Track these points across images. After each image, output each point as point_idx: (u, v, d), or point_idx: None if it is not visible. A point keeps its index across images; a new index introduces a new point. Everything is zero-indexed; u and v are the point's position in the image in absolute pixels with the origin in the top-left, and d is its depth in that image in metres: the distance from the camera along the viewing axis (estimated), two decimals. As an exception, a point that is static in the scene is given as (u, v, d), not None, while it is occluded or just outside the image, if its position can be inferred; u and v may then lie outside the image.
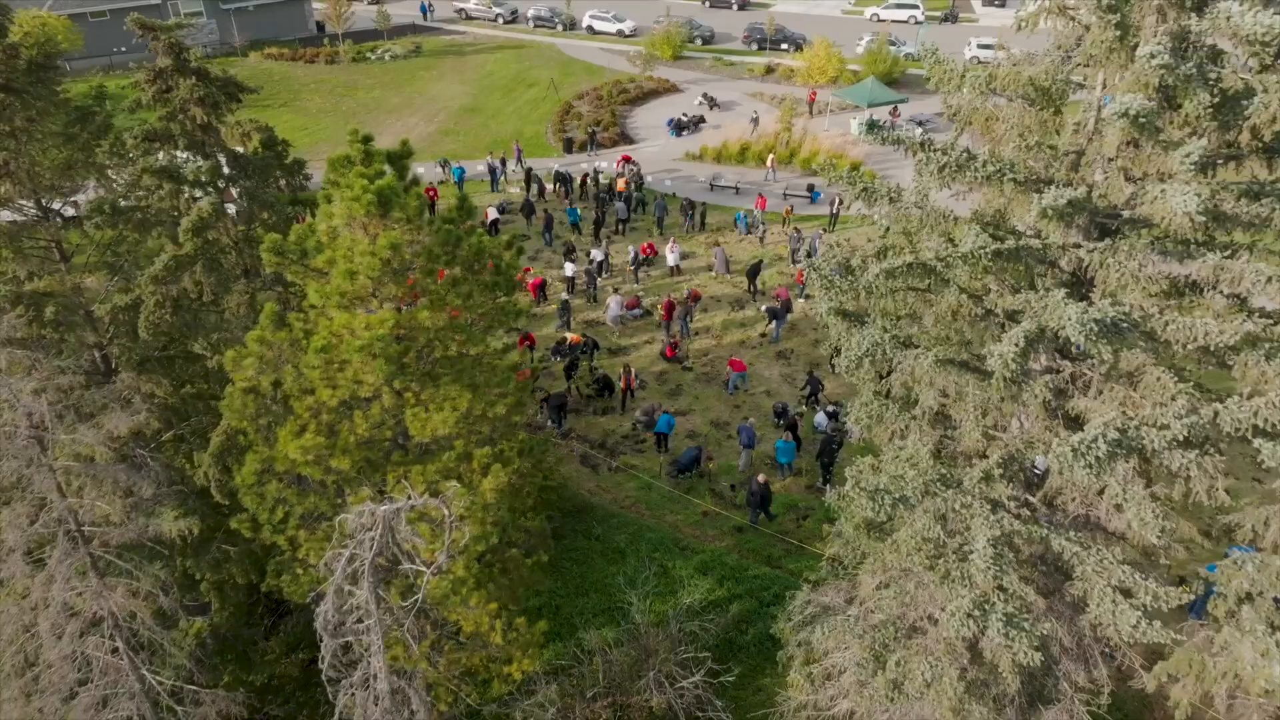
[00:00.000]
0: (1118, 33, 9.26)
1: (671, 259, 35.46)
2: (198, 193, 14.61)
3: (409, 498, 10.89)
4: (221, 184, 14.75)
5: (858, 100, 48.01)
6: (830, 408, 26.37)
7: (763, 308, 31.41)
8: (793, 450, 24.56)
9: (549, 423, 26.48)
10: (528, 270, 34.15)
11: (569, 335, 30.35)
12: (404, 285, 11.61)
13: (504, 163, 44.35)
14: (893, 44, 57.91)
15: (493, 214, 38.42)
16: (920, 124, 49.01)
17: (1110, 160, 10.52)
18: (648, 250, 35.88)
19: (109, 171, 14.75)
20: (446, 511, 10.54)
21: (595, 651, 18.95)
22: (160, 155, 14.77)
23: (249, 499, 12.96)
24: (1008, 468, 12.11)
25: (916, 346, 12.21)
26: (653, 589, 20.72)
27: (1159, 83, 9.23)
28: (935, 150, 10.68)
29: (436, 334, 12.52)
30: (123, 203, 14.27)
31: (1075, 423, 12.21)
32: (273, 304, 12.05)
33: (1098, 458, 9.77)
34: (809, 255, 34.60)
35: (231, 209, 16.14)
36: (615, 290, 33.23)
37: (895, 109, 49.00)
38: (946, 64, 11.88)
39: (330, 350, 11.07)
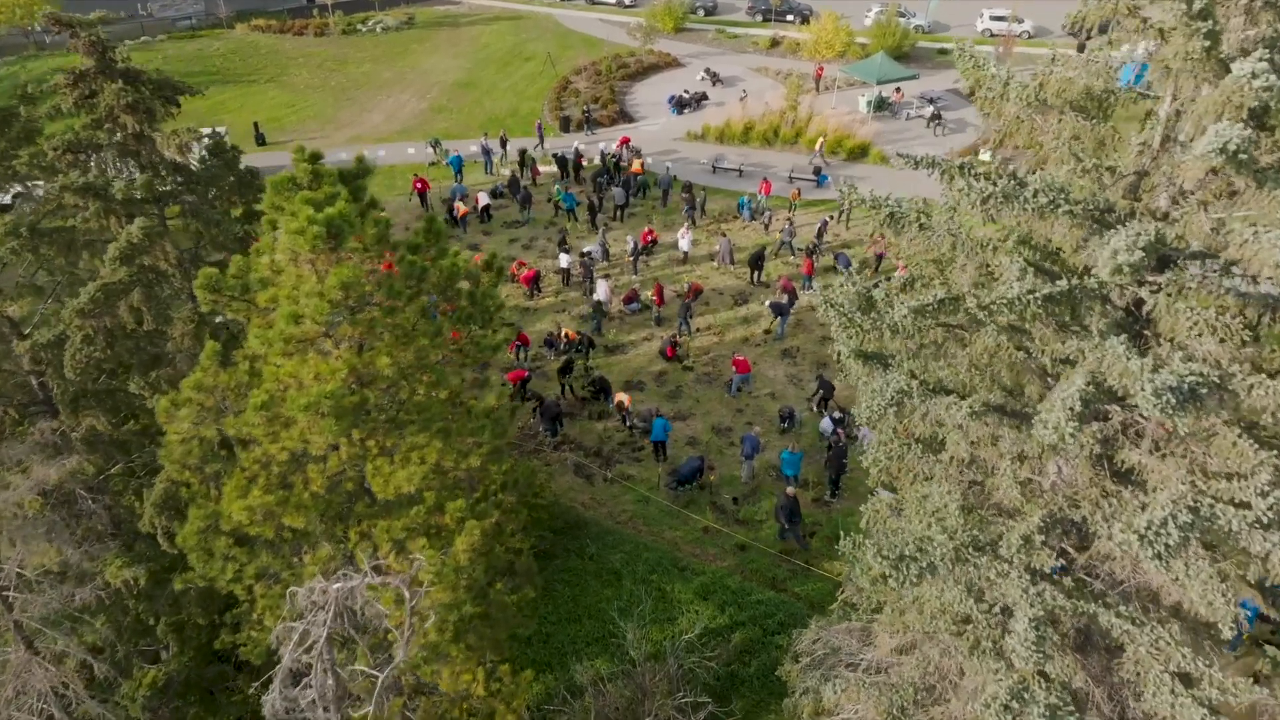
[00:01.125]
0: (1206, 43, 7.66)
1: (684, 244, 33.90)
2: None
3: (365, 573, 9.45)
4: (160, 200, 13.06)
5: (866, 77, 46.05)
6: (836, 413, 24.90)
7: (766, 302, 29.84)
8: (799, 461, 23.14)
9: (541, 429, 25.00)
10: (521, 263, 32.55)
11: (565, 330, 28.82)
12: (361, 324, 10.09)
13: (503, 142, 42.47)
14: (902, 16, 55.78)
15: (484, 199, 36.75)
16: (931, 100, 47.11)
17: (1184, 192, 8.95)
18: (648, 238, 34.21)
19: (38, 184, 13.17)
20: (406, 595, 9.11)
21: (587, 688, 17.67)
22: (92, 165, 13.14)
23: (194, 557, 11.55)
24: (1049, 531, 10.66)
25: (949, 393, 10.73)
26: (650, 616, 19.44)
27: (1255, 104, 7.66)
28: (977, 177, 9.10)
29: (402, 374, 11.03)
30: (49, 221, 12.68)
31: (1126, 478, 10.76)
32: (214, 343, 10.54)
33: (1168, 545, 8.32)
34: (815, 248, 33.01)
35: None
36: (606, 276, 31.68)
37: (899, 89, 47.00)
38: (986, 70, 10.28)
39: (272, 406, 9.61)
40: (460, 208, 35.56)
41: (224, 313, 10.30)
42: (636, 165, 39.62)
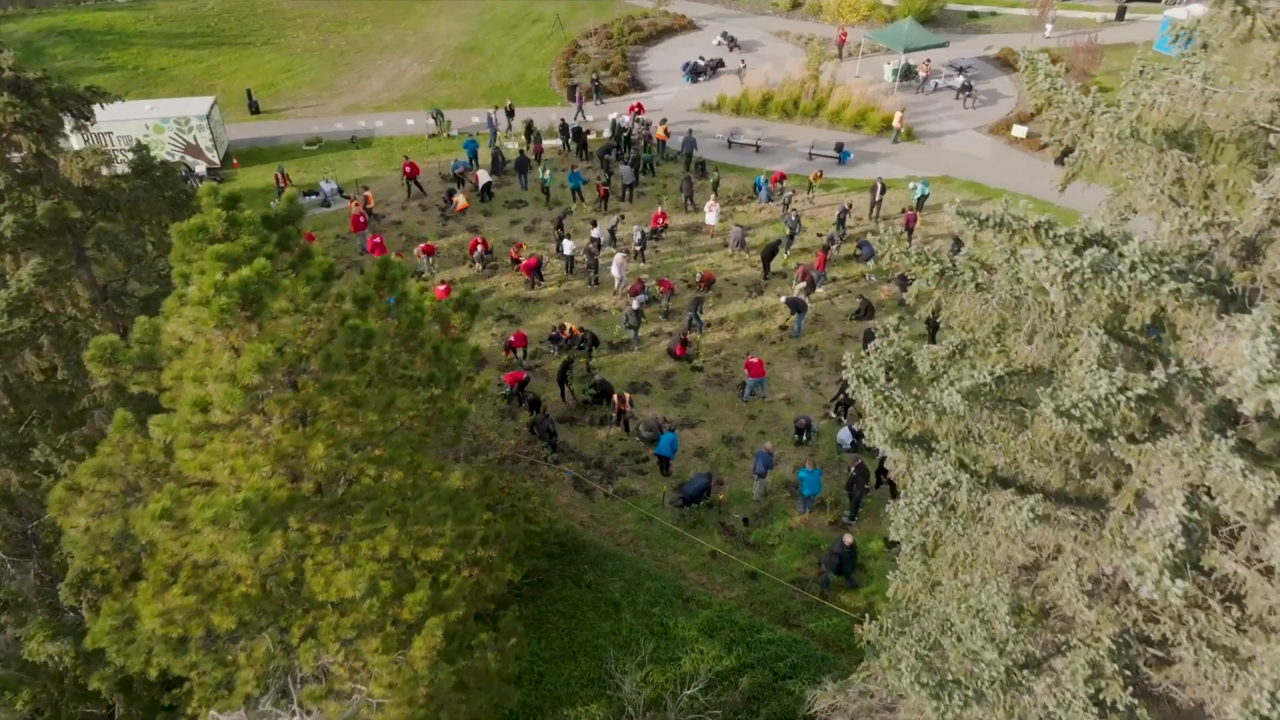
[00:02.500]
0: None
1: (710, 218, 32.07)
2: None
3: (294, 714, 7.77)
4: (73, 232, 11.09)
5: (892, 44, 43.28)
6: (857, 424, 23.01)
7: (782, 299, 27.83)
8: (818, 479, 21.30)
9: (540, 443, 23.14)
10: (521, 247, 30.58)
11: (567, 325, 26.91)
12: (292, 402, 8.30)
13: (510, 113, 40.12)
14: (931, -23, 52.57)
15: (484, 177, 34.65)
16: (961, 70, 44.40)
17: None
18: (658, 221, 32.07)
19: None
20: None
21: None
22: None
23: (113, 652, 9.93)
24: (1122, 654, 8.87)
25: (1005, 484, 8.89)
26: (650, 655, 17.88)
27: None
28: (1057, 240, 7.15)
29: (354, 446, 9.25)
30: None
31: (1210, 576, 8.95)
32: (124, 413, 8.81)
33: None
34: (839, 238, 30.87)
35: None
36: (625, 252, 29.75)
37: (928, 61, 44.11)
38: (1065, 94, 8.27)
39: (176, 514, 7.89)
40: (459, 201, 33.43)
41: (128, 387, 8.60)
42: (660, 132, 37.43)
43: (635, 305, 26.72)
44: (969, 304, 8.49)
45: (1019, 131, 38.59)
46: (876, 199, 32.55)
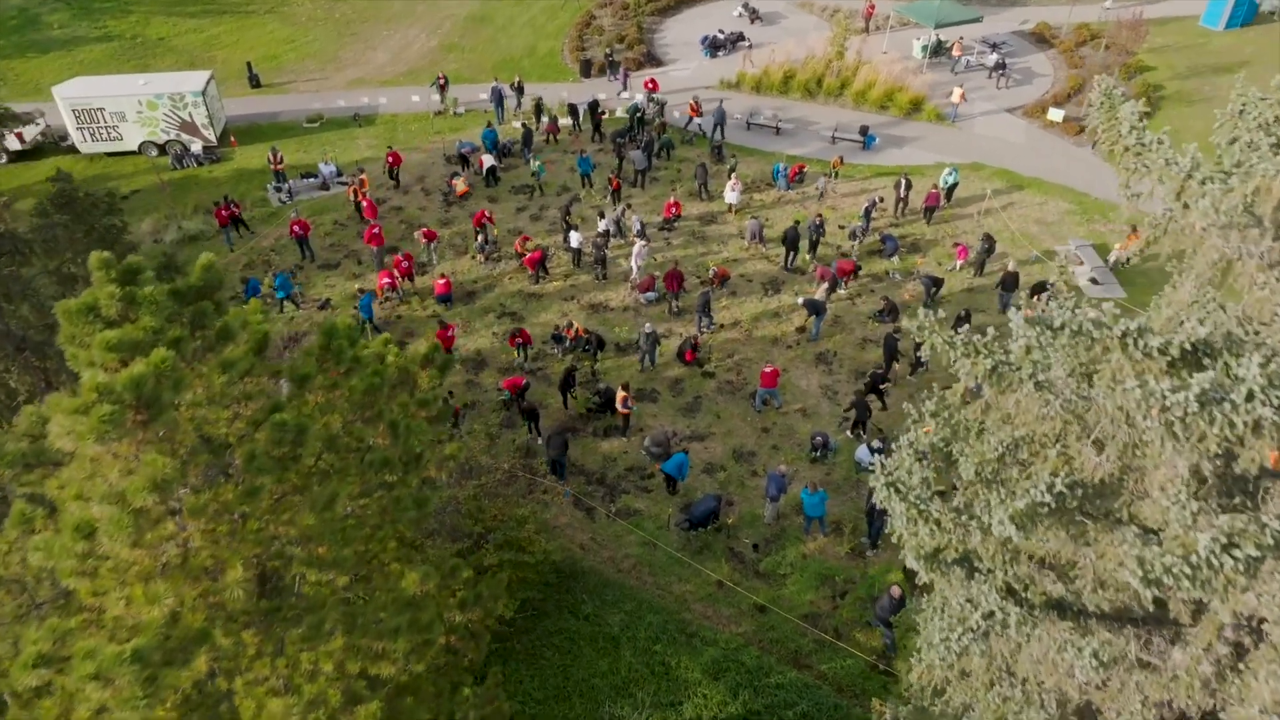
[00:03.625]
0: None
1: (731, 197, 30.65)
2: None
3: None
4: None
5: (923, 19, 41.01)
6: (876, 442, 21.52)
7: (800, 300, 26.21)
8: (823, 503, 19.85)
9: (547, 463, 21.71)
10: (526, 239, 29.00)
11: (574, 324, 25.43)
12: (212, 505, 6.93)
13: (520, 88, 38.21)
14: (965, -55, 49.93)
15: (489, 161, 32.98)
16: (994, 46, 42.12)
17: None
18: (670, 211, 30.42)
19: None
20: None
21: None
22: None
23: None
24: (1195, 816, 7.48)
25: (1061, 613, 7.44)
26: (650, 699, 16.70)
27: None
28: (1150, 354, 5.62)
29: (292, 541, 7.90)
30: None
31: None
32: (23, 505, 7.49)
33: None
34: (862, 232, 29.12)
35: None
36: (643, 238, 28.23)
37: (960, 39, 41.73)
38: (1154, 152, 6.67)
39: (54, 659, 6.58)
40: (459, 186, 31.89)
41: (12, 487, 7.28)
42: (690, 106, 35.76)
43: (649, 328, 24.29)
44: (1028, 405, 6.98)
45: (1055, 115, 36.48)
46: (902, 195, 30.59)
